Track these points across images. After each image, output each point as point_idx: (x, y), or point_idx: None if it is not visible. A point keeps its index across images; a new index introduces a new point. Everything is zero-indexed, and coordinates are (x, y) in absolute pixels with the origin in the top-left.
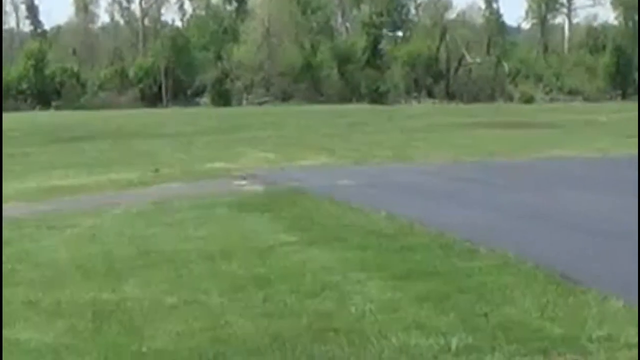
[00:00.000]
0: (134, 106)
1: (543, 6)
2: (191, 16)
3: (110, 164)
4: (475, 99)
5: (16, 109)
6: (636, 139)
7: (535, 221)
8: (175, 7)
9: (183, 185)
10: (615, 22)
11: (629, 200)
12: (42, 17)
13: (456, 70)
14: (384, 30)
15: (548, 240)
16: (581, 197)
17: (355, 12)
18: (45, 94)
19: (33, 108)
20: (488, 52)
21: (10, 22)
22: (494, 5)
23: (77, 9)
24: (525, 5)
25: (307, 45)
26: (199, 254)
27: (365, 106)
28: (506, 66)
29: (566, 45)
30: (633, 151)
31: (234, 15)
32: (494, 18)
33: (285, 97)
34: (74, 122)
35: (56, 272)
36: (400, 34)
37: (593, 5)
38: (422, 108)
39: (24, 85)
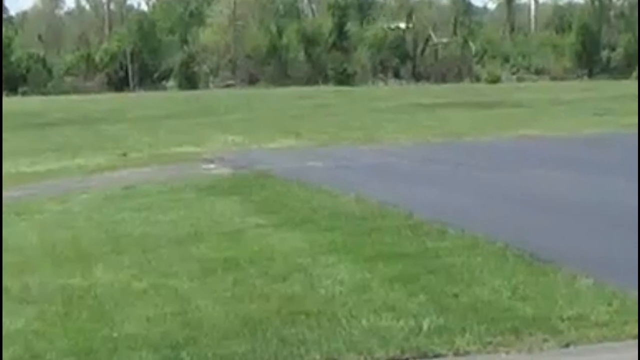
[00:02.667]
0: (100, 91)
1: None
2: (157, 0)
3: (78, 149)
4: (442, 79)
5: None
6: (605, 118)
7: (504, 201)
8: None
9: (151, 169)
10: (581, 1)
11: (597, 179)
12: (7, 3)
13: (423, 51)
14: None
15: (517, 219)
16: (550, 176)
17: None
18: (12, 80)
19: None
20: (455, 32)
21: None
22: None
23: None
24: None
25: (273, 28)
26: (168, 238)
27: (332, 88)
28: (473, 46)
29: (532, 25)
30: (600, 130)
31: None
32: None
33: (252, 80)
34: (41, 108)
35: (25, 258)
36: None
37: None
38: (389, 89)
39: None
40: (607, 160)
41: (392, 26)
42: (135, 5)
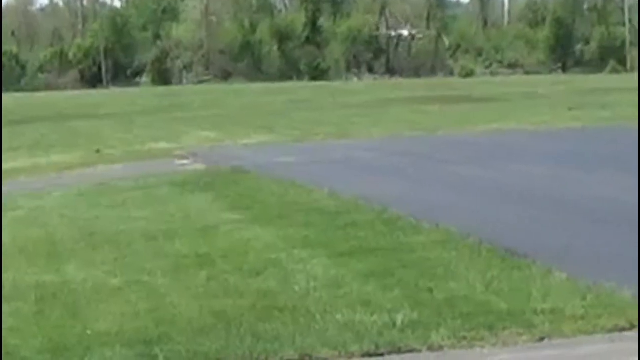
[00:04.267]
0: (74, 87)
1: None
2: None
3: (52, 146)
4: (415, 74)
5: None
6: (578, 111)
7: (479, 195)
8: None
9: (125, 165)
10: None
11: (570, 173)
12: None
13: (396, 45)
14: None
15: (491, 214)
16: (523, 170)
17: None
18: None
19: None
20: (428, 26)
21: None
22: None
23: None
24: None
25: (247, 23)
26: (142, 234)
27: (305, 83)
28: (446, 41)
29: (506, 19)
30: (574, 124)
31: None
32: None
33: (225, 76)
34: (14, 105)
35: None
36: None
37: None
38: (362, 84)
39: None
40: (582, 154)
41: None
42: (109, 2)
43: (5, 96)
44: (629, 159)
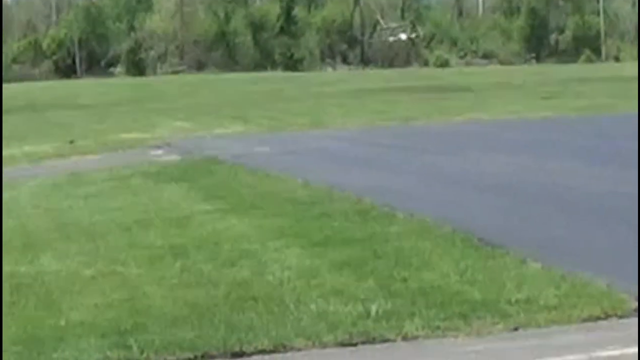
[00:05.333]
0: (48, 78)
1: None
2: None
3: (25, 137)
4: (390, 64)
5: None
6: (552, 101)
7: (452, 185)
8: None
9: (99, 156)
10: None
11: (544, 162)
12: None
13: (371, 35)
14: None
15: (465, 203)
16: (497, 159)
17: None
18: None
19: None
20: (402, 17)
21: None
22: None
23: None
24: None
25: (221, 14)
26: (116, 225)
27: (280, 73)
28: (421, 31)
29: (480, 9)
30: (548, 113)
31: None
32: None
33: (200, 66)
34: None
35: None
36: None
37: None
38: (337, 74)
39: None
40: (556, 144)
41: None
42: None
43: None
44: (601, 149)
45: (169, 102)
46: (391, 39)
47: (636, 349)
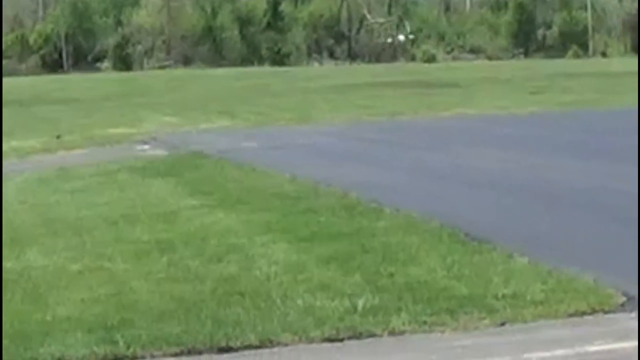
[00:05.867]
0: (34, 73)
1: None
2: None
3: (12, 132)
4: (377, 59)
5: None
6: (540, 96)
7: (439, 180)
8: None
9: (86, 151)
10: None
11: (531, 158)
12: None
13: (357, 30)
14: None
15: (452, 198)
16: (485, 155)
17: None
18: None
19: None
20: (389, 12)
21: None
22: None
23: None
24: None
25: (208, 8)
26: (103, 220)
27: (267, 68)
28: (408, 26)
29: (468, 4)
30: (535, 108)
31: None
32: None
33: (187, 61)
34: None
35: None
36: None
37: None
38: (324, 69)
39: None
40: (543, 139)
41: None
42: None
43: None
44: (589, 144)
45: (156, 97)
46: (389, 40)
47: (623, 344)
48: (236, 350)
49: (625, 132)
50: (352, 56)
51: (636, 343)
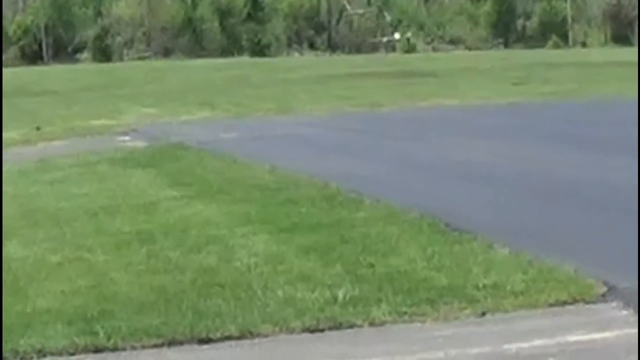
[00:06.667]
0: (14, 64)
1: None
2: None
3: None
4: (357, 50)
5: None
6: (520, 87)
7: (420, 170)
8: None
9: (66, 142)
10: None
11: (512, 148)
12: None
13: (337, 21)
14: None
15: (432, 189)
16: (466, 145)
17: None
18: None
19: None
20: (369, 2)
21: None
22: None
23: None
24: None
25: (188, 0)
26: (83, 211)
27: (247, 59)
28: (388, 16)
29: None
30: (516, 99)
31: None
32: None
33: (166, 52)
34: None
35: None
36: None
37: None
38: (304, 60)
39: None
40: (525, 129)
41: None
42: None
43: None
44: (571, 135)
45: (136, 88)
46: (384, 39)
47: (604, 334)
48: (216, 341)
49: (607, 123)
50: (332, 47)
51: (617, 333)
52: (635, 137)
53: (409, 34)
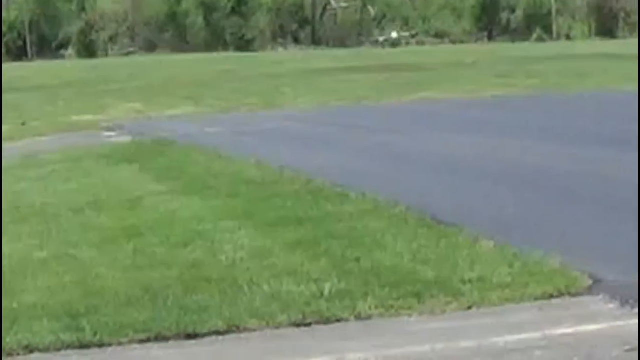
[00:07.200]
0: None
1: None
2: None
3: None
4: (341, 44)
5: None
6: (505, 80)
7: (406, 164)
8: None
9: (51, 138)
10: None
11: (498, 141)
12: None
13: (322, 15)
14: None
15: (418, 183)
16: (451, 139)
17: None
18: None
19: None
20: None
21: None
22: None
23: None
24: None
25: None
26: (69, 207)
27: (231, 54)
28: (372, 10)
29: None
30: (500, 92)
31: None
32: None
33: (151, 47)
34: None
35: None
36: None
37: None
38: (288, 54)
39: None
40: (510, 123)
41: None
42: None
43: None
44: (558, 128)
45: (121, 83)
46: (381, 39)
47: (590, 327)
48: (203, 336)
49: (595, 115)
50: (317, 41)
51: (603, 325)
52: (615, 129)
53: (407, 33)
